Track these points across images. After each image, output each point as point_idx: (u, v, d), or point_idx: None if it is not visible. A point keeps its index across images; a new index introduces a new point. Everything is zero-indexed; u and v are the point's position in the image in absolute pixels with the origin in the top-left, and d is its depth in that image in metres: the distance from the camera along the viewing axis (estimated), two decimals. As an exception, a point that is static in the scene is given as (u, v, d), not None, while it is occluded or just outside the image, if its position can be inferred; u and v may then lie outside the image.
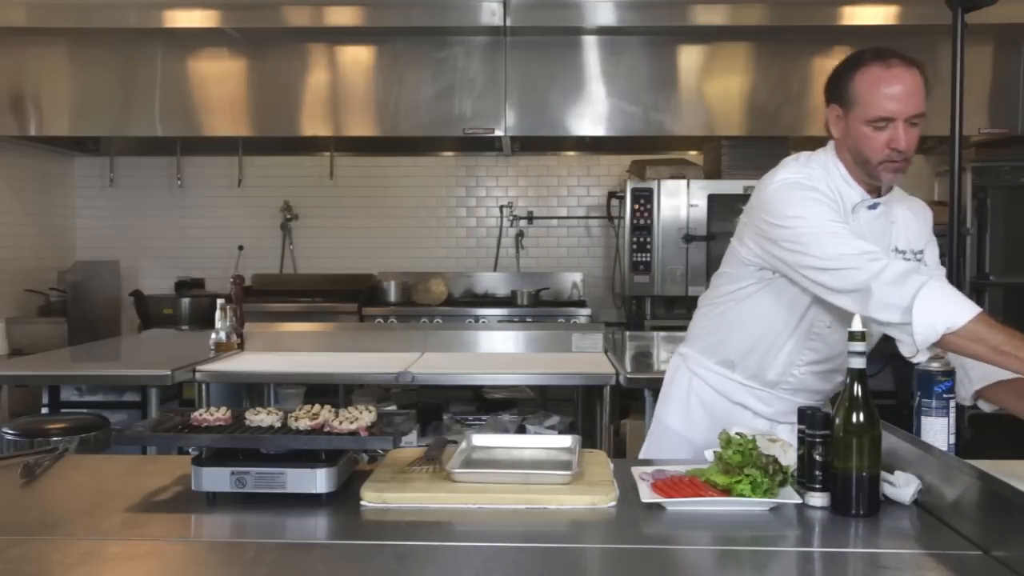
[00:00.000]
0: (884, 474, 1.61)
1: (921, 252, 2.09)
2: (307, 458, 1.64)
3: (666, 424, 2.31)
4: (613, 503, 1.62)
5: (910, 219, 2.10)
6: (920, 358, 1.80)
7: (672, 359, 2.38)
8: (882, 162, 1.92)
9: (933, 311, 1.74)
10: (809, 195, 1.95)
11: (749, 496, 1.58)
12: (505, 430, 3.85)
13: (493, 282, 6.18)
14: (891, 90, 1.88)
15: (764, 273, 2.08)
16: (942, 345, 1.76)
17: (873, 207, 2.02)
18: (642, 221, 5.32)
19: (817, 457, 1.60)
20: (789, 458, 1.68)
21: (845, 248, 1.86)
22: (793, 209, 1.94)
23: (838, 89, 1.97)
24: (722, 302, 2.19)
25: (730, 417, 2.17)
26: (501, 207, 6.28)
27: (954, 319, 1.72)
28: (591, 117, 5.27)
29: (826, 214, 1.92)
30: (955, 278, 2.60)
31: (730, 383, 2.22)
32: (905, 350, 1.79)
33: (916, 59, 1.93)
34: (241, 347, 3.77)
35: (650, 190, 5.33)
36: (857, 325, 1.60)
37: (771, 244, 1.99)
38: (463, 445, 1.89)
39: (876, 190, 2.03)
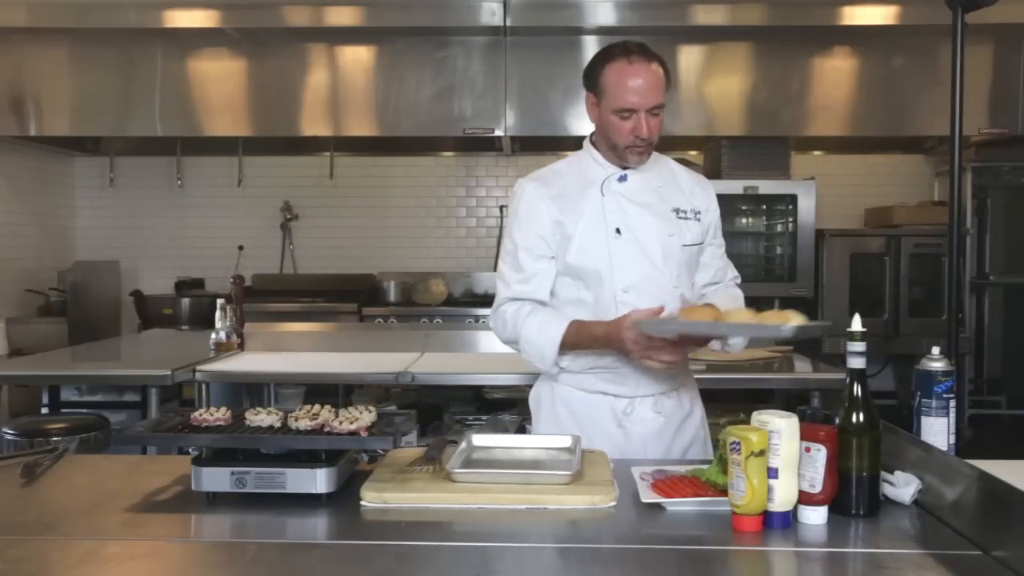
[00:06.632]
0: (884, 474, 1.61)
1: (699, 213, 2.22)
2: (307, 458, 1.64)
3: None
4: (613, 503, 1.62)
5: (692, 186, 2.25)
6: None
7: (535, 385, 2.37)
8: (628, 147, 2.10)
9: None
10: (516, 213, 2.25)
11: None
12: (505, 430, 3.84)
13: (493, 282, 6.14)
14: (633, 83, 2.03)
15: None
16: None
17: (623, 179, 2.18)
18: (642, 221, 5.32)
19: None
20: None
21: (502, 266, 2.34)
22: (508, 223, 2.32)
23: (592, 79, 2.12)
24: None
25: (593, 409, 2.17)
26: (501, 207, 6.28)
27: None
28: (591, 117, 5.27)
29: (521, 229, 2.24)
30: (955, 278, 2.60)
31: (584, 376, 2.19)
32: None
33: (657, 54, 2.09)
34: (241, 347, 3.76)
35: (650, 190, 5.33)
36: (856, 325, 1.59)
37: None
38: (463, 445, 1.89)
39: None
